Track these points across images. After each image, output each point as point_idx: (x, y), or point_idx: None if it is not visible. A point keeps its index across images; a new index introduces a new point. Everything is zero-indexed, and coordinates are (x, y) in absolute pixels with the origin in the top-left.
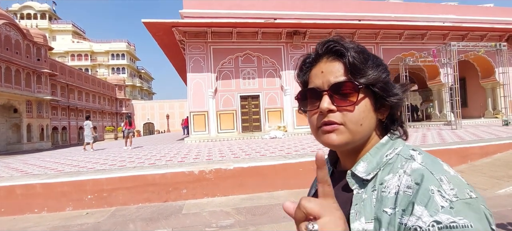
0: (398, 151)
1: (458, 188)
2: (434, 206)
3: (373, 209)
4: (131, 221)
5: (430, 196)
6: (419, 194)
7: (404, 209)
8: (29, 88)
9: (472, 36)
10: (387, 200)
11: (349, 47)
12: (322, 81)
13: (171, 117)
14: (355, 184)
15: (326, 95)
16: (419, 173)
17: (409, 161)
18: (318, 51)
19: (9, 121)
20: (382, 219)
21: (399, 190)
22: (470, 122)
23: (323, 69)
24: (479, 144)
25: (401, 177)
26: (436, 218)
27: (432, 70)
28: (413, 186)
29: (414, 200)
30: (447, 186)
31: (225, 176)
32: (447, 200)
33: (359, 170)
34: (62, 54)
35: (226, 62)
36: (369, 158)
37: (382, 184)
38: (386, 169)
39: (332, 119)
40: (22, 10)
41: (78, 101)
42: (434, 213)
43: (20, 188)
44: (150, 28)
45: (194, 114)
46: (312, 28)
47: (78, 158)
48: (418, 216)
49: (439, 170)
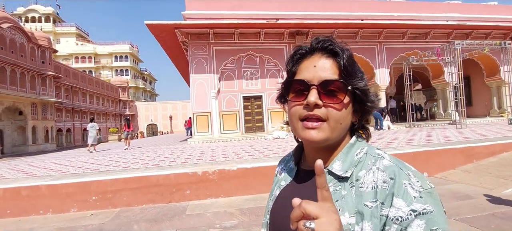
0: (366, 151)
1: (421, 180)
2: (409, 197)
3: (354, 203)
4: (135, 222)
5: (404, 189)
6: (395, 187)
7: (382, 202)
8: (34, 91)
9: (476, 34)
10: (366, 195)
11: (344, 49)
12: (313, 75)
13: (174, 118)
14: (331, 182)
15: (314, 90)
16: (391, 169)
17: (379, 158)
18: (313, 45)
19: (14, 123)
20: (364, 212)
21: (376, 184)
22: (475, 121)
23: (316, 64)
24: (484, 143)
25: (375, 173)
26: (412, 207)
27: (436, 69)
28: (388, 181)
29: (393, 193)
30: (414, 179)
31: (229, 176)
32: (417, 191)
33: (336, 168)
34: (66, 57)
35: (229, 63)
36: (343, 157)
37: (358, 180)
38: (358, 166)
39: (317, 114)
40: (27, 14)
41: (82, 103)
42: (409, 203)
43: (26, 190)
44: (153, 30)
45: (197, 115)
46: (314, 28)
47: (82, 160)
48: (397, 207)
49: (405, 166)
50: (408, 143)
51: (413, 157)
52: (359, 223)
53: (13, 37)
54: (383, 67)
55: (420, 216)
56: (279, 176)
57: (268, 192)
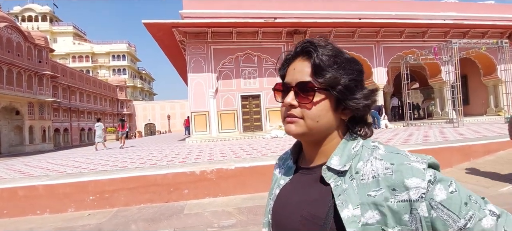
0: (362, 144)
1: (419, 157)
2: (420, 171)
3: (357, 195)
4: (133, 222)
5: (411, 166)
6: (403, 169)
7: (393, 188)
8: (30, 90)
9: (474, 33)
10: (368, 185)
11: (320, 49)
12: (292, 78)
13: (172, 117)
14: (331, 178)
15: (292, 91)
16: (388, 156)
17: (375, 149)
18: (296, 50)
19: (11, 122)
20: (369, 202)
21: (377, 173)
22: (472, 120)
23: (295, 67)
24: (481, 142)
25: (373, 162)
26: (427, 179)
27: (434, 68)
28: (390, 166)
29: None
30: (413, 157)
31: (227, 176)
32: (422, 163)
33: (334, 163)
34: (63, 56)
35: (227, 62)
36: (340, 152)
37: (358, 172)
38: (355, 159)
39: (293, 112)
40: (23, 13)
41: (80, 103)
42: (423, 176)
43: (23, 190)
44: (150, 29)
45: (195, 114)
46: (312, 27)
47: (79, 159)
48: (415, 186)
49: (400, 150)
50: (406, 141)
51: None
52: (365, 213)
53: (10, 37)
54: (381, 66)
55: (436, 182)
56: (278, 174)
57: (266, 191)
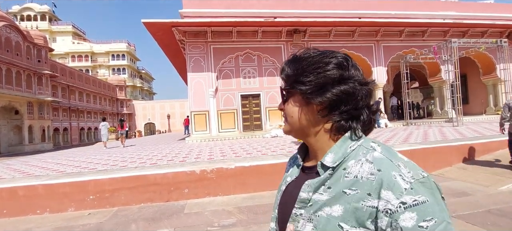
0: (360, 143)
1: (413, 170)
2: (399, 189)
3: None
4: (133, 221)
5: (394, 181)
6: (384, 179)
7: (369, 193)
8: (30, 90)
9: (473, 32)
10: (348, 183)
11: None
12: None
13: (172, 116)
14: (324, 173)
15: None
16: (379, 161)
17: (370, 150)
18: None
19: (10, 122)
20: (340, 197)
21: (361, 175)
22: (471, 119)
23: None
24: (481, 141)
25: (363, 164)
26: (402, 200)
27: (433, 67)
28: (375, 172)
29: (381, 185)
30: (405, 170)
31: (227, 175)
32: (408, 182)
33: (327, 160)
34: (62, 56)
35: (227, 62)
36: (336, 150)
37: (346, 169)
38: (350, 157)
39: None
40: (22, 12)
41: (79, 102)
42: (399, 195)
43: (22, 189)
44: (150, 28)
45: (195, 114)
46: (312, 27)
47: (79, 159)
48: (387, 200)
49: (396, 157)
50: (405, 140)
51: (410, 154)
52: (333, 205)
53: (9, 36)
54: (381, 66)
55: (410, 208)
56: (286, 171)
57: (266, 191)
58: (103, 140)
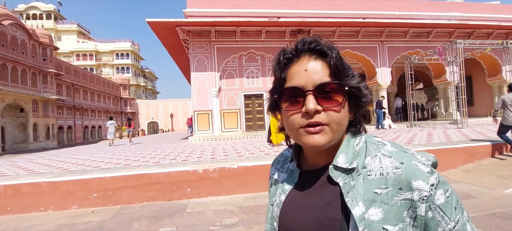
0: (364, 140)
1: (424, 156)
2: (425, 175)
3: (363, 191)
4: (136, 220)
5: (418, 169)
6: (411, 171)
7: (400, 188)
8: (35, 88)
9: (479, 34)
10: (375, 182)
11: (331, 47)
12: (306, 80)
13: (175, 116)
14: (340, 176)
15: (311, 96)
16: (397, 154)
17: (381, 145)
18: (298, 47)
19: (15, 120)
20: (375, 199)
21: (386, 171)
22: (476, 121)
23: (307, 67)
24: (485, 143)
25: (382, 159)
26: (431, 182)
27: (438, 69)
28: (400, 166)
29: (410, 176)
30: (419, 156)
31: (229, 175)
32: (427, 166)
33: (340, 161)
34: (67, 54)
35: (230, 61)
36: (345, 149)
37: (365, 167)
38: (361, 155)
39: (318, 120)
40: (28, 11)
41: (83, 101)
42: (427, 180)
43: (27, 187)
44: (154, 28)
45: (198, 113)
46: (316, 27)
47: (83, 157)
48: (420, 189)
49: (406, 149)
50: (409, 142)
51: None
52: (369, 209)
53: (15, 34)
54: (385, 66)
55: (437, 187)
56: (278, 178)
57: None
58: (109, 137)
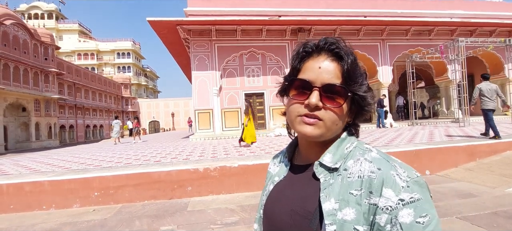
0: (355, 144)
1: (407, 170)
2: (397, 187)
3: (340, 190)
4: (137, 218)
5: (393, 179)
6: (384, 177)
7: (371, 191)
8: (37, 87)
9: (481, 32)
10: (352, 184)
11: (349, 53)
12: (317, 77)
13: (176, 115)
14: (322, 173)
15: (316, 91)
16: (378, 161)
17: (367, 151)
18: (320, 45)
19: (18, 119)
20: (349, 199)
21: (363, 174)
22: (478, 119)
23: (321, 65)
24: (487, 142)
25: (363, 163)
26: (400, 197)
27: (440, 67)
28: (376, 171)
29: (382, 183)
30: (400, 170)
31: (230, 173)
32: (404, 181)
33: (326, 160)
34: (69, 54)
35: (231, 60)
36: (334, 150)
37: (346, 170)
38: (348, 158)
39: (316, 114)
40: (30, 10)
41: (85, 100)
42: (398, 193)
43: (29, 185)
44: (155, 27)
45: (199, 112)
46: (316, 25)
47: (84, 156)
48: (387, 197)
49: (391, 159)
50: (411, 140)
51: (416, 154)
52: (343, 209)
53: (16, 34)
54: (386, 65)
55: (408, 205)
56: (272, 172)
57: None
58: (114, 136)
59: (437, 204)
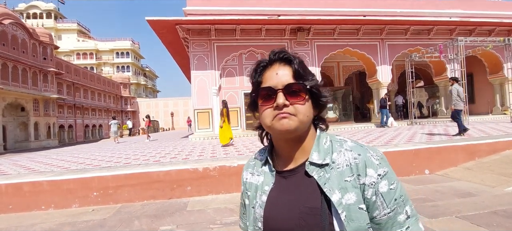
0: (329, 139)
1: (375, 151)
2: (375, 165)
3: (337, 181)
4: (136, 218)
5: (371, 160)
6: (366, 160)
7: (359, 174)
8: (36, 87)
9: (480, 31)
10: (344, 172)
11: (295, 57)
12: (277, 81)
13: (175, 114)
14: (314, 171)
15: (281, 93)
16: (356, 148)
17: (343, 142)
18: (271, 57)
19: (16, 119)
20: (346, 186)
21: (349, 162)
22: (477, 119)
23: (277, 71)
24: (487, 141)
25: (345, 154)
26: (378, 172)
27: (439, 66)
28: (357, 157)
29: (365, 165)
30: (372, 151)
31: (229, 173)
32: (377, 159)
33: (315, 158)
34: (67, 53)
35: (230, 60)
36: (316, 148)
37: (334, 162)
38: (330, 152)
39: (287, 111)
40: (28, 10)
41: (84, 100)
42: (376, 169)
43: (27, 185)
44: (154, 26)
45: (198, 111)
46: (316, 25)
47: (83, 156)
48: (370, 175)
49: (363, 144)
50: (410, 140)
51: (415, 154)
52: (344, 195)
53: (15, 34)
54: (385, 64)
55: (383, 177)
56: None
57: None
58: (112, 136)
59: (436, 204)
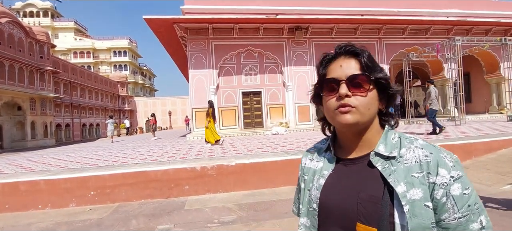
0: (398, 135)
1: (449, 153)
2: (448, 166)
3: (404, 175)
4: (133, 217)
5: (444, 160)
6: (438, 160)
7: (429, 172)
8: (32, 86)
9: (477, 30)
10: (412, 168)
11: (363, 50)
12: (341, 73)
13: (173, 113)
14: (379, 162)
15: (344, 84)
16: (427, 147)
17: (414, 140)
18: (337, 51)
19: (13, 118)
20: (413, 182)
21: (419, 159)
22: (474, 118)
23: (341, 64)
24: (483, 140)
25: (415, 151)
26: (451, 174)
27: (436, 66)
28: (429, 155)
29: (437, 164)
30: (445, 153)
31: (227, 172)
32: (451, 161)
33: (381, 150)
34: (64, 52)
35: (228, 59)
36: (384, 141)
37: (402, 157)
38: (398, 147)
39: (348, 102)
40: (25, 8)
41: (81, 99)
42: (449, 171)
43: (24, 185)
44: (151, 25)
45: (196, 111)
46: (314, 24)
47: (81, 155)
48: (442, 175)
49: (434, 145)
50: None
51: None
52: (410, 190)
53: (11, 32)
54: (383, 63)
55: (457, 180)
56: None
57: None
58: (109, 135)
59: None
